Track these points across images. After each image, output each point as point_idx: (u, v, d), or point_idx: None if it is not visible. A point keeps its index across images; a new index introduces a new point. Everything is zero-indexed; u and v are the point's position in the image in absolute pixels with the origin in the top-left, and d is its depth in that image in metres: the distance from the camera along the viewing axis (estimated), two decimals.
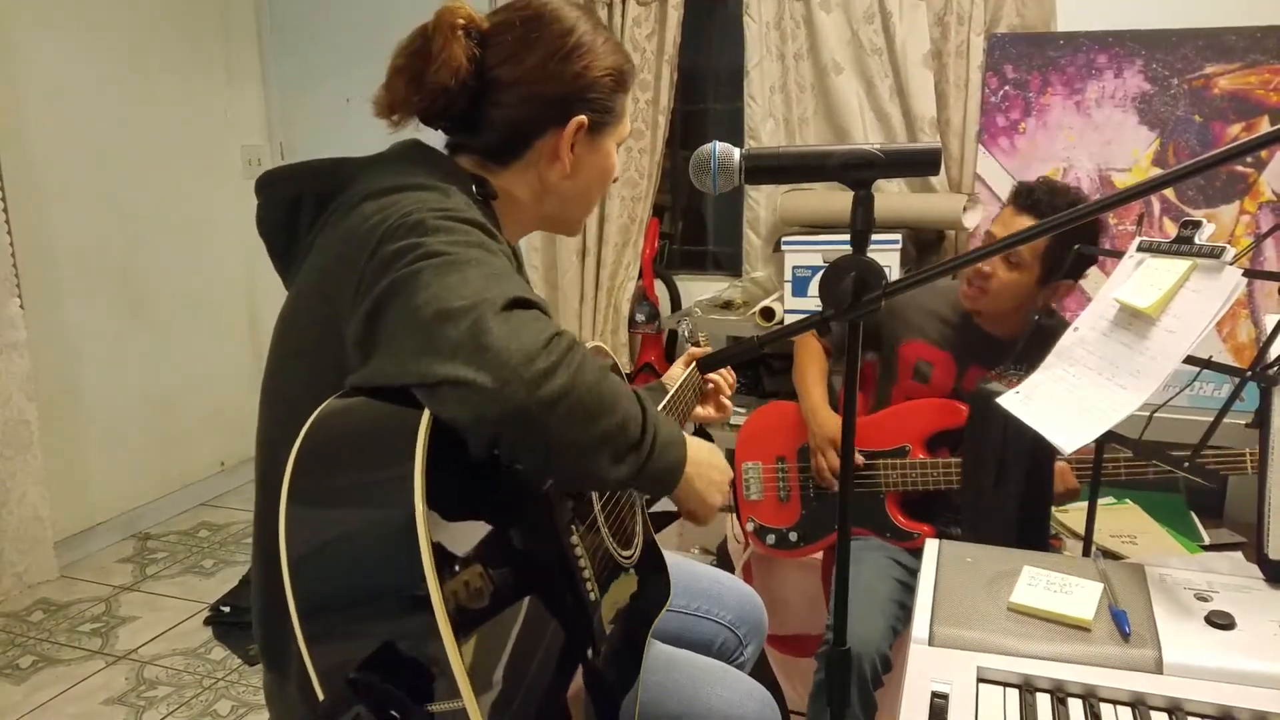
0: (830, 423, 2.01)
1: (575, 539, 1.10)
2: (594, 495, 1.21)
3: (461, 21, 1.07)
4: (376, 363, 0.91)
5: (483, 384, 0.83)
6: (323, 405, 0.92)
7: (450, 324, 0.85)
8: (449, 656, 0.79)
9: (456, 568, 0.85)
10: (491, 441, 0.87)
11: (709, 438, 1.35)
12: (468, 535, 0.89)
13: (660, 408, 1.39)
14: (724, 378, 1.59)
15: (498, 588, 0.90)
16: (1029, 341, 1.89)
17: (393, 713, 0.82)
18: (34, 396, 2.91)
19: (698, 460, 1.08)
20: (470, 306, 0.86)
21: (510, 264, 0.98)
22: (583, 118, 1.12)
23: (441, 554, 0.82)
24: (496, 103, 1.10)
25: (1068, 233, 1.67)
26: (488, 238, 0.97)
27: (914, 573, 1.89)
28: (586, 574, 1.10)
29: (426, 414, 0.86)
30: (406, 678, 0.83)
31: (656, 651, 1.34)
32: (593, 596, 1.10)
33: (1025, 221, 1.75)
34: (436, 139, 1.16)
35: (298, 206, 1.10)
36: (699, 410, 1.57)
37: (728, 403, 1.61)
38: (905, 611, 1.83)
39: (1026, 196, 1.78)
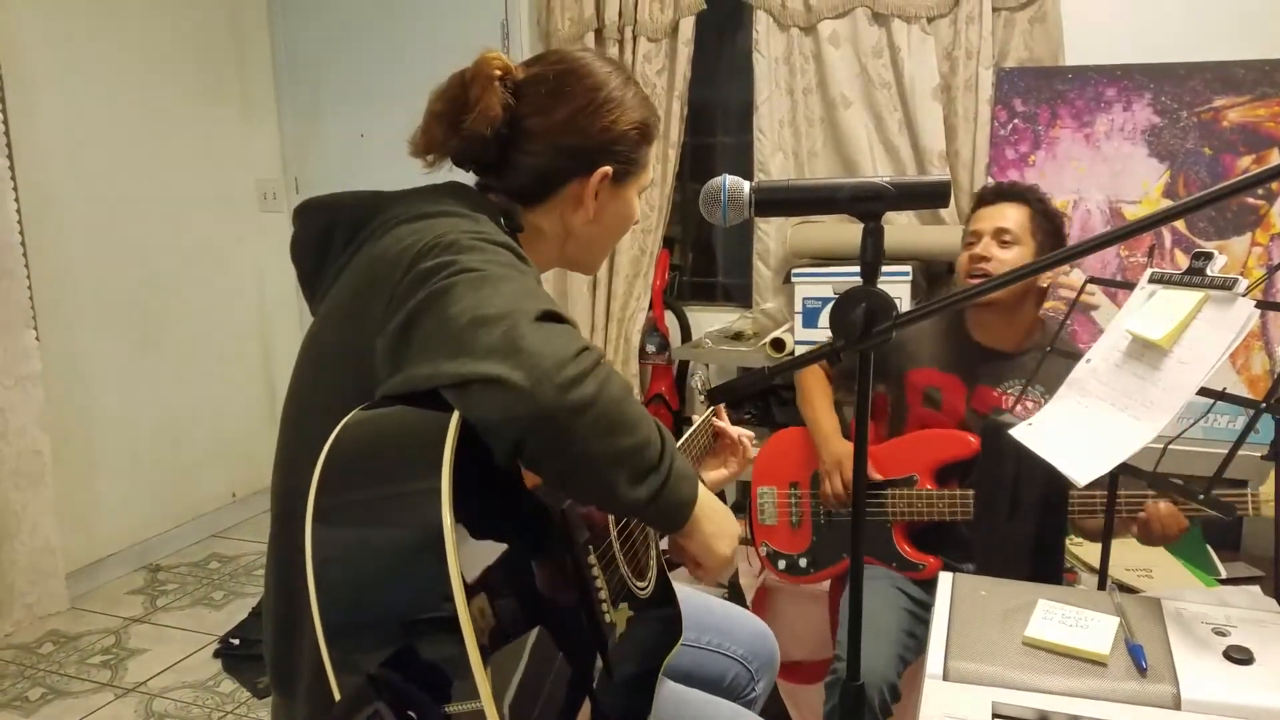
0: (843, 449, 2.00)
1: (593, 559, 1.11)
2: (610, 522, 1.21)
3: (498, 71, 1.12)
4: (409, 370, 0.92)
5: (515, 382, 0.84)
6: (345, 419, 0.93)
7: (485, 329, 0.88)
8: (474, 673, 0.79)
9: (481, 583, 0.85)
10: (516, 445, 0.87)
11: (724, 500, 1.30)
12: (491, 552, 0.90)
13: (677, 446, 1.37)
14: (747, 438, 1.51)
15: (520, 604, 0.90)
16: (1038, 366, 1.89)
17: None
18: (48, 428, 2.92)
19: (709, 505, 1.09)
20: (505, 314, 0.88)
21: (540, 285, 1.01)
22: (607, 168, 1.16)
23: (468, 569, 0.82)
24: (526, 150, 1.14)
25: (1047, 214, 1.91)
26: (518, 260, 1.01)
27: (920, 603, 1.88)
28: (603, 595, 1.10)
29: (452, 428, 0.86)
30: (428, 691, 0.82)
31: (666, 691, 1.32)
32: (608, 619, 1.10)
33: (1009, 209, 1.89)
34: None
35: (331, 232, 1.13)
36: (719, 473, 1.51)
37: (746, 451, 1.52)
38: (914, 641, 1.82)
39: (995, 191, 1.95)
